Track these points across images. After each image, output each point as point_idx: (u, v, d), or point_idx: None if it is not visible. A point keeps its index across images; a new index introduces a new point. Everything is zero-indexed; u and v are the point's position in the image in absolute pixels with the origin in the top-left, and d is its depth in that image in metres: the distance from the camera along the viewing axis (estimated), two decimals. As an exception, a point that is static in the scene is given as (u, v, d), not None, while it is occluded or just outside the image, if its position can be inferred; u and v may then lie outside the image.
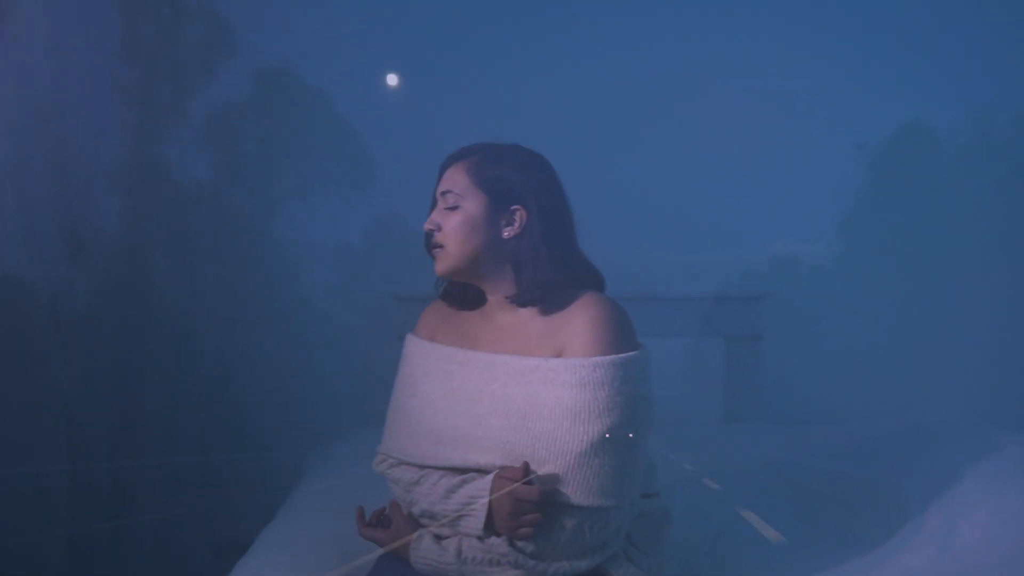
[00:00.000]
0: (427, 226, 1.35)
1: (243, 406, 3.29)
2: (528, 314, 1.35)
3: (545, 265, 1.32)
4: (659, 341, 3.20)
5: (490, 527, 1.22)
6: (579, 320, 1.28)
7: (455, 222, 1.33)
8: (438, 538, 1.26)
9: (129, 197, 2.68)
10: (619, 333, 1.26)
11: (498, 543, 1.21)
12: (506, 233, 1.33)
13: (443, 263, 1.33)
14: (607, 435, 1.20)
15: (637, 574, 1.29)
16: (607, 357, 1.23)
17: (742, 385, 3.12)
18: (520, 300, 1.33)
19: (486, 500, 1.21)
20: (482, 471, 1.25)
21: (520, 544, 1.19)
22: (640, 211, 2.82)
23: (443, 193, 1.35)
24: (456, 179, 1.35)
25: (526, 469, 1.21)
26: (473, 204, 1.33)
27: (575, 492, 1.19)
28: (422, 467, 1.32)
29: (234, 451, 3.25)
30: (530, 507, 1.17)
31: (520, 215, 1.33)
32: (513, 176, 1.35)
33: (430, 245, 1.36)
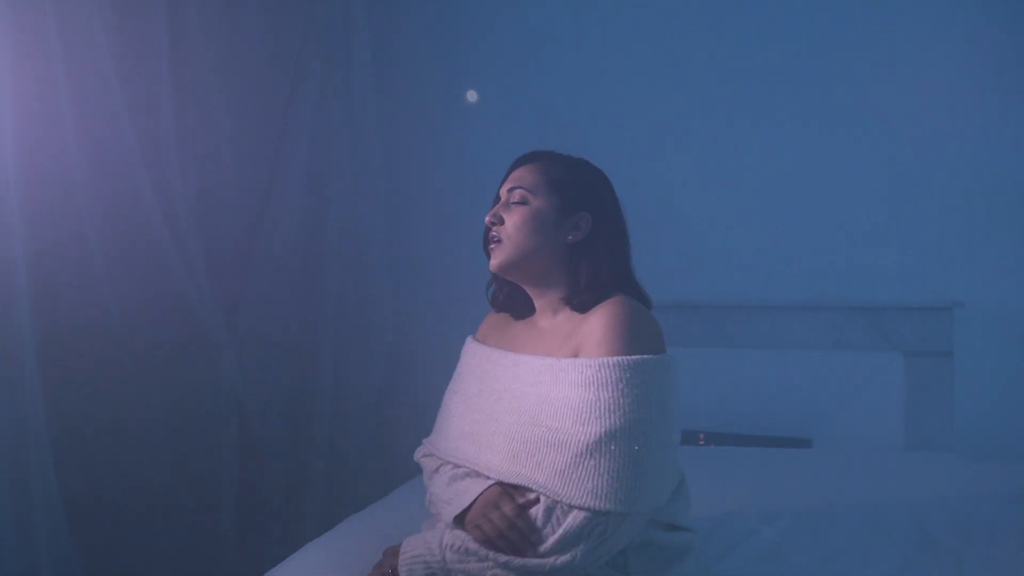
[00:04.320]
0: (488, 219, 1.40)
1: (413, 402, 3.46)
2: (564, 318, 1.38)
3: (605, 273, 1.35)
4: (826, 354, 2.91)
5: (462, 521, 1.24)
6: (595, 320, 1.29)
7: (521, 216, 1.36)
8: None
9: (302, 212, 2.95)
10: (633, 335, 1.24)
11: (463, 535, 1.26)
12: (570, 237, 1.36)
13: (500, 256, 1.37)
14: (608, 436, 1.17)
15: None
16: (614, 358, 1.21)
17: (926, 409, 2.72)
18: (573, 303, 1.36)
19: (474, 495, 1.24)
20: (487, 476, 1.28)
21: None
22: (807, 214, 2.57)
23: (511, 189, 1.39)
24: (527, 177, 1.39)
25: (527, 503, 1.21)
26: (542, 202, 1.36)
27: (570, 491, 1.17)
28: (444, 460, 1.39)
29: (402, 447, 3.45)
30: (501, 516, 1.18)
31: (587, 222, 1.36)
32: (584, 184, 1.40)
33: (487, 240, 1.41)
